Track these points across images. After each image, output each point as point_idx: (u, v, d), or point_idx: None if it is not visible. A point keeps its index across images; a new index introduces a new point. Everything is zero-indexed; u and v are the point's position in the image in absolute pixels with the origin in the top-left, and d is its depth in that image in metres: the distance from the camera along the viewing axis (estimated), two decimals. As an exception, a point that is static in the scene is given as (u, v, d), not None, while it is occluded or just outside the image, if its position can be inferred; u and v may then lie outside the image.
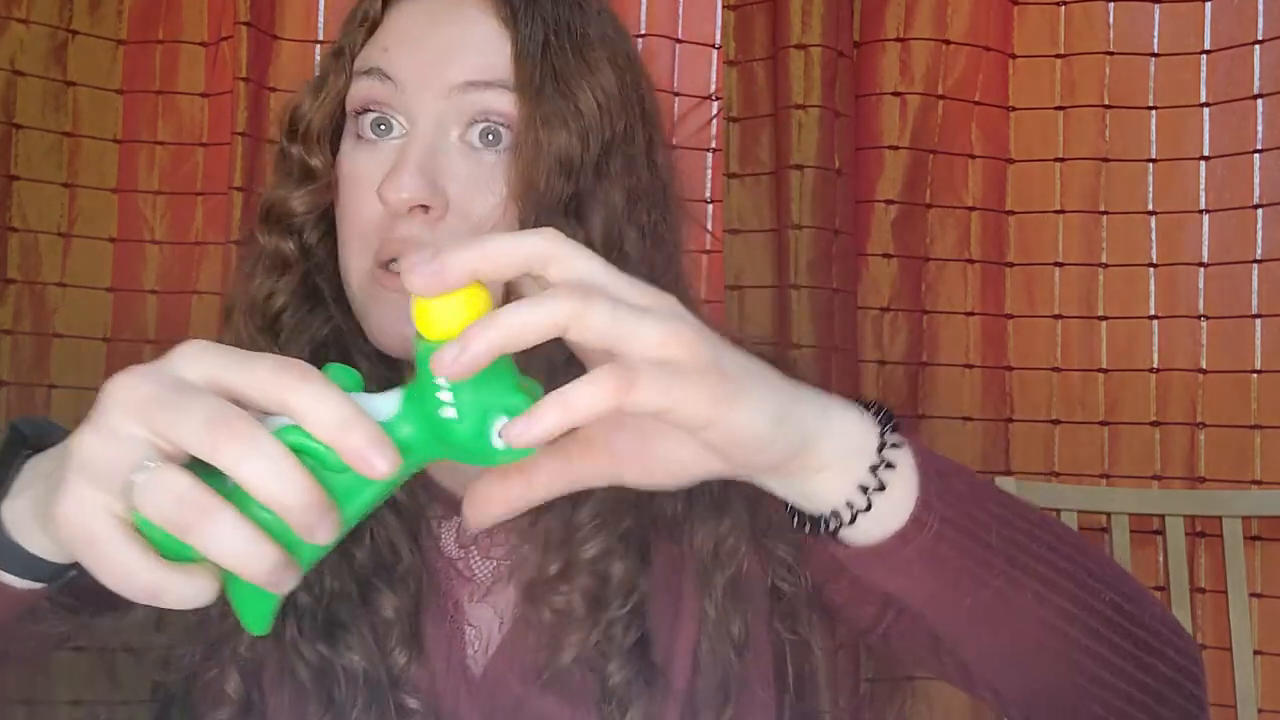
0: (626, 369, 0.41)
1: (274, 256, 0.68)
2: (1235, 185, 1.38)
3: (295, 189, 0.67)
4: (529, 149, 0.61)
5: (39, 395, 1.38)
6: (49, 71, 1.38)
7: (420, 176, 0.60)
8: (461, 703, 0.66)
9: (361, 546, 0.65)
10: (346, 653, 0.64)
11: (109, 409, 0.44)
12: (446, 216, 0.62)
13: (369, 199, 0.63)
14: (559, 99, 0.62)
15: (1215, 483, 1.36)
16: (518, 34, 0.63)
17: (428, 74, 0.63)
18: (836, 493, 0.49)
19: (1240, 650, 1.24)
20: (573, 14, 0.66)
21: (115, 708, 1.38)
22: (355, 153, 0.65)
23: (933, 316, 1.44)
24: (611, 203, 0.64)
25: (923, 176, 1.43)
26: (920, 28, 1.41)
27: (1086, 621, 0.55)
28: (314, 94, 0.68)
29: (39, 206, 1.38)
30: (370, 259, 0.64)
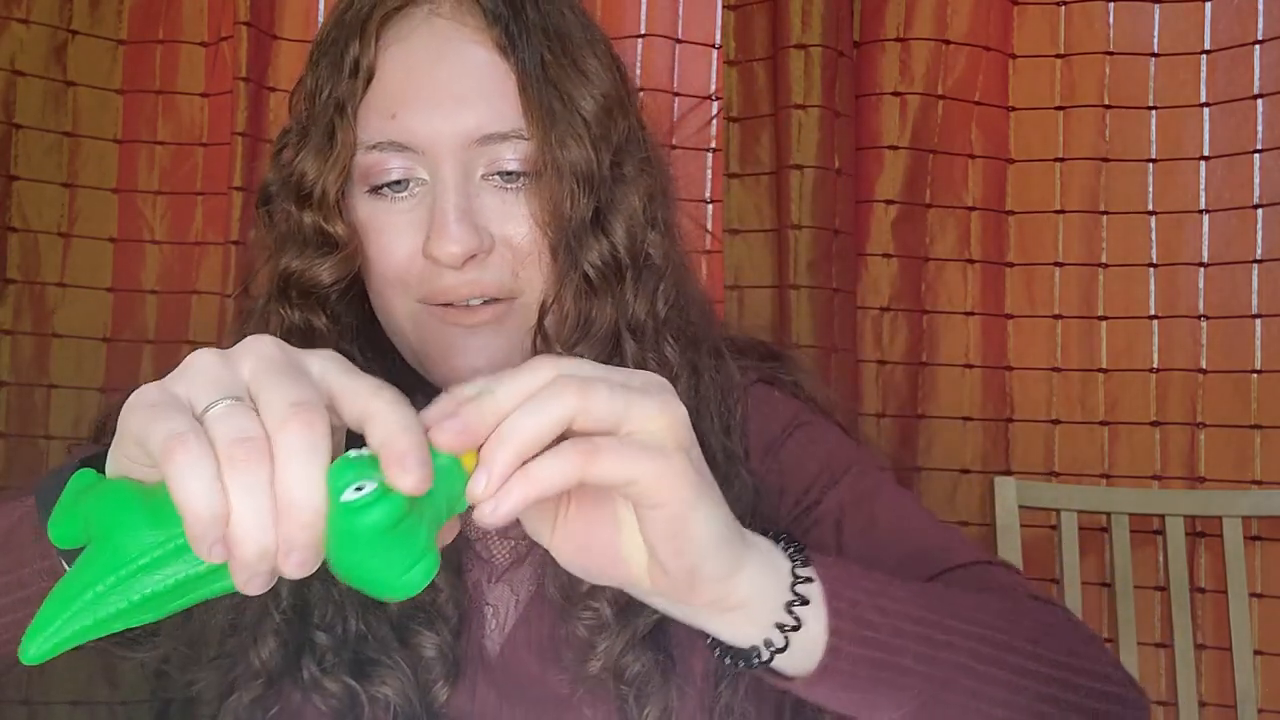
0: (591, 442, 0.42)
1: (303, 332, 0.66)
2: (1235, 185, 1.38)
3: (316, 258, 0.65)
4: (549, 174, 0.63)
5: (39, 395, 1.38)
6: (49, 71, 1.38)
7: (466, 227, 0.62)
8: (479, 681, 0.67)
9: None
10: (380, 686, 0.64)
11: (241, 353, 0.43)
12: (492, 254, 0.64)
13: (401, 249, 0.64)
14: (567, 115, 0.64)
15: (1215, 483, 1.36)
16: (518, 61, 0.63)
17: (444, 134, 0.63)
18: (752, 633, 0.49)
19: (1240, 650, 1.24)
20: (559, 20, 0.67)
21: (115, 708, 1.38)
22: (373, 206, 0.65)
23: (933, 316, 1.44)
24: (631, 208, 0.66)
25: (923, 176, 1.43)
26: (920, 28, 1.41)
27: (1025, 703, 0.55)
28: (319, 156, 0.65)
29: (39, 206, 1.38)
30: (413, 300, 0.65)
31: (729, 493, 0.65)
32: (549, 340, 0.65)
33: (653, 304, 0.68)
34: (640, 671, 0.64)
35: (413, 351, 0.67)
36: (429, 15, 0.65)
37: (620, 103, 0.68)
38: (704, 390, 0.71)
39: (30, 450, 1.38)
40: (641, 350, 0.67)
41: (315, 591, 0.65)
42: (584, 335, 0.65)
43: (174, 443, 0.38)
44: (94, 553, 0.42)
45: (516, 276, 0.65)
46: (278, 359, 0.42)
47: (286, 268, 0.66)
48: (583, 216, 0.64)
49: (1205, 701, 1.32)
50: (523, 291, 0.65)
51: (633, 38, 1.42)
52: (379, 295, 0.66)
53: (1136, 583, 1.27)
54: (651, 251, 0.68)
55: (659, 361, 0.68)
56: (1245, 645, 1.24)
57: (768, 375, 0.78)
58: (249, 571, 0.39)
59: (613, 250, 0.65)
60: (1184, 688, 1.24)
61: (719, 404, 0.72)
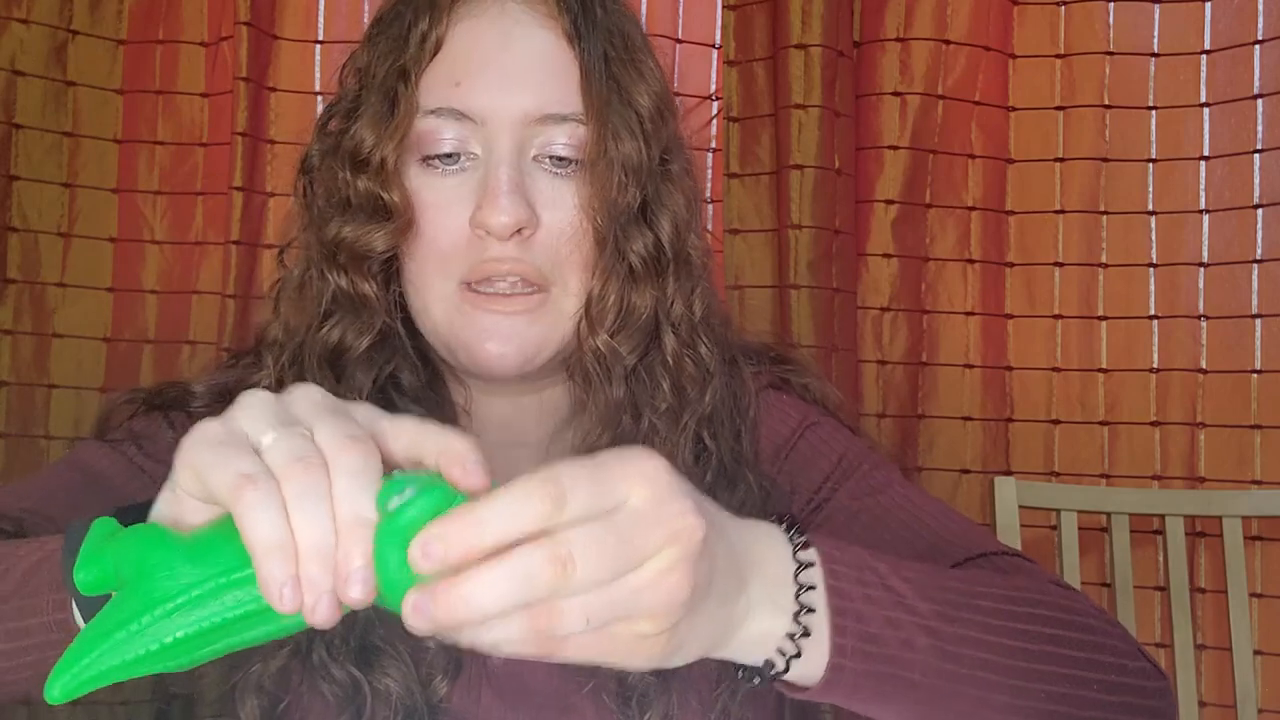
0: (554, 640, 0.39)
1: (350, 299, 0.67)
2: (1235, 185, 1.38)
3: (370, 225, 0.65)
4: (602, 164, 0.65)
5: (39, 395, 1.38)
6: (49, 71, 1.38)
7: (517, 199, 0.63)
8: (484, 688, 0.67)
9: None
10: (382, 677, 0.64)
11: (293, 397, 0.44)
12: (537, 234, 0.65)
13: (450, 224, 0.65)
14: (623, 109, 0.66)
15: (1215, 483, 1.36)
16: (582, 52, 0.65)
17: (505, 108, 0.64)
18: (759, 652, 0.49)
19: (1240, 650, 1.24)
20: (621, 20, 0.69)
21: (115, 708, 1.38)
22: (427, 180, 0.66)
23: (933, 316, 1.44)
24: (676, 206, 0.68)
25: (923, 176, 1.43)
26: (920, 28, 1.41)
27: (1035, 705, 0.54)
28: (376, 125, 0.65)
29: (39, 206, 1.38)
30: (454, 282, 0.66)
31: (735, 495, 0.67)
32: (593, 326, 0.66)
33: (690, 303, 0.70)
34: (641, 676, 0.64)
35: (441, 337, 0.68)
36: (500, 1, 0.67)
37: (670, 106, 0.71)
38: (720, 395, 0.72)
39: (30, 450, 1.38)
40: (679, 346, 0.69)
41: None
42: (624, 324, 0.66)
43: (243, 482, 0.39)
44: (127, 593, 0.41)
45: (555, 265, 0.66)
46: (327, 403, 0.43)
47: (338, 234, 0.66)
48: (631, 206, 0.65)
49: (1205, 701, 1.32)
50: (558, 283, 0.66)
51: (638, 36, 1.42)
52: (420, 274, 0.67)
53: (1136, 583, 1.27)
54: (692, 252, 0.70)
55: (694, 360, 0.70)
56: (1245, 645, 1.24)
57: (777, 380, 0.79)
58: (316, 591, 0.38)
59: (658, 243, 0.67)
60: (1184, 688, 1.24)
61: (731, 410, 0.72)
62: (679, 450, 0.68)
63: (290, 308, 0.71)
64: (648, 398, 0.68)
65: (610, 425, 0.68)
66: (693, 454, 0.69)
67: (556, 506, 0.39)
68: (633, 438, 0.67)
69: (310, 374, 0.67)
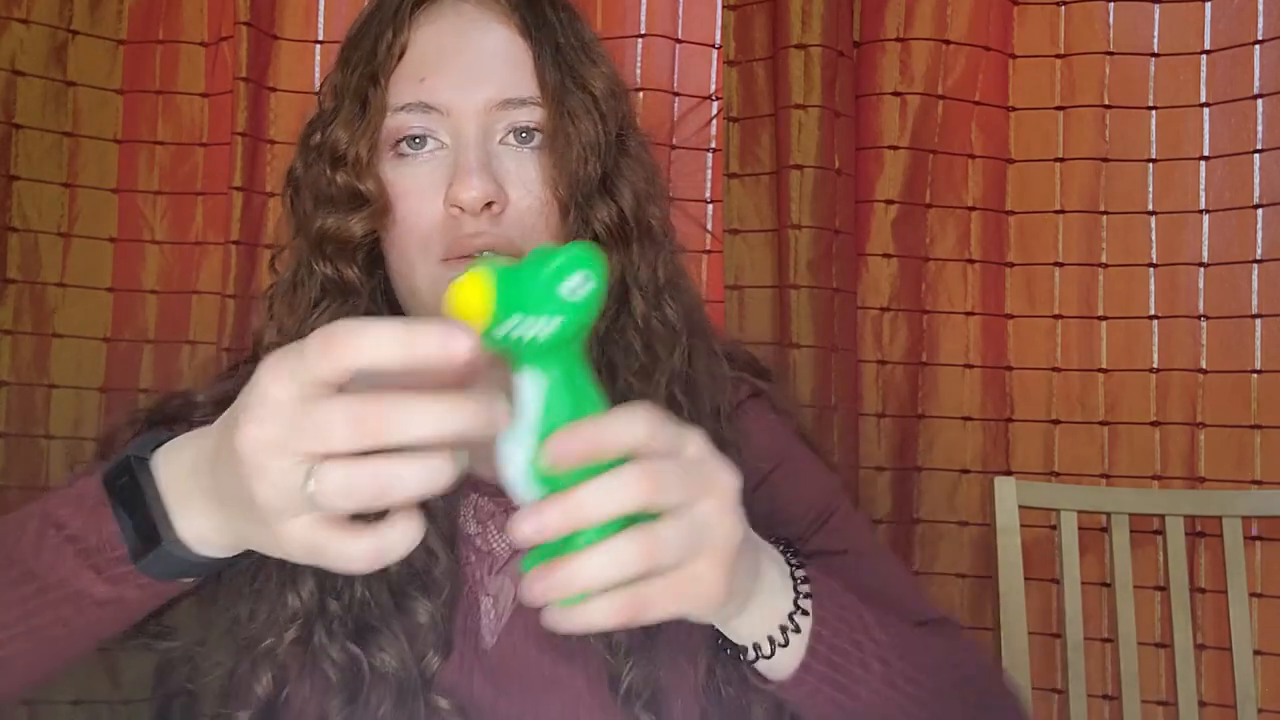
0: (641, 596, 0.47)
1: (337, 285, 0.72)
2: (1235, 185, 1.38)
3: (349, 214, 0.70)
4: (561, 142, 0.69)
5: (39, 395, 1.38)
6: (49, 71, 1.38)
7: (486, 176, 0.68)
8: (476, 671, 0.71)
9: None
10: (378, 653, 0.67)
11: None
12: (506, 210, 0.69)
13: (426, 206, 0.69)
14: (578, 92, 0.71)
15: (1215, 483, 1.36)
16: (535, 45, 0.71)
17: (467, 97, 0.69)
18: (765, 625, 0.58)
19: (1240, 650, 1.24)
20: (570, 18, 0.74)
21: (116, 708, 1.38)
22: (399, 169, 0.71)
23: (933, 316, 1.44)
24: (635, 180, 0.73)
25: (923, 176, 1.43)
26: (920, 28, 1.41)
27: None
28: (350, 124, 0.70)
29: (39, 206, 1.38)
30: (434, 260, 0.70)
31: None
32: None
33: (655, 268, 0.75)
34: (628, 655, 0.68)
35: (428, 313, 0.70)
36: (456, 5, 0.73)
37: (622, 91, 0.75)
38: (698, 363, 0.76)
39: (30, 450, 1.38)
40: (647, 308, 0.74)
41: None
42: None
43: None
44: None
45: (526, 236, 0.70)
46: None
47: (322, 226, 0.71)
48: (592, 179, 0.70)
49: (1205, 701, 1.32)
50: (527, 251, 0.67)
51: (633, 37, 1.42)
52: (402, 258, 0.71)
53: (1136, 583, 1.27)
54: (653, 222, 0.74)
55: (662, 321, 0.74)
56: (1245, 645, 1.24)
57: (758, 390, 0.83)
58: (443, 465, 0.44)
59: (620, 213, 0.72)
60: (1184, 688, 1.24)
61: (709, 387, 0.77)
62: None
63: (283, 309, 0.74)
64: (622, 358, 0.73)
65: None
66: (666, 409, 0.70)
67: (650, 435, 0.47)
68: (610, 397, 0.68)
69: None
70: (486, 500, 0.74)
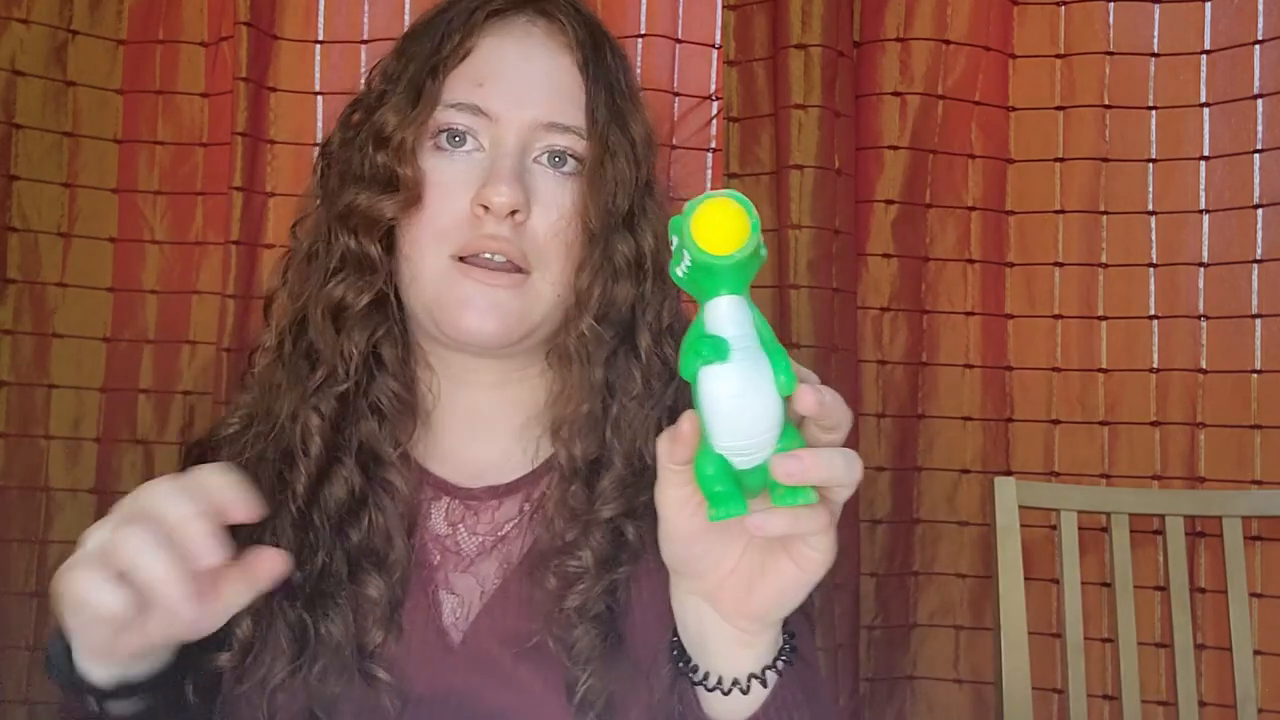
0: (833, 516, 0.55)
1: (357, 259, 0.75)
2: (1235, 185, 1.38)
3: (383, 195, 0.73)
4: (600, 175, 0.74)
5: (39, 395, 1.38)
6: (49, 71, 1.38)
7: (518, 185, 0.71)
8: (441, 667, 0.73)
9: (358, 529, 0.74)
10: (325, 621, 0.71)
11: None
12: (528, 222, 0.73)
13: (452, 202, 0.73)
14: (620, 135, 0.76)
15: (1215, 483, 1.36)
16: (589, 84, 0.75)
17: (517, 110, 0.73)
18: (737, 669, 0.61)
19: (1240, 650, 1.24)
20: (622, 64, 0.80)
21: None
22: (435, 160, 0.74)
23: (933, 316, 1.44)
24: (657, 224, 0.78)
25: (923, 176, 1.43)
26: (920, 28, 1.41)
27: None
28: (400, 110, 0.74)
29: (39, 206, 1.38)
30: (446, 256, 0.73)
31: None
32: (581, 312, 0.75)
33: (661, 310, 0.79)
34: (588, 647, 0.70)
35: (427, 306, 0.74)
36: (528, 24, 0.77)
37: (655, 141, 0.81)
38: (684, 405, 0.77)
39: (30, 450, 1.38)
40: (651, 343, 0.78)
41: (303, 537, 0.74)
42: (607, 313, 0.75)
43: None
44: None
45: (539, 253, 0.74)
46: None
47: (353, 201, 0.74)
48: (620, 213, 0.75)
49: (1205, 701, 1.32)
50: (539, 268, 0.74)
51: (633, 37, 1.42)
52: (415, 246, 0.74)
53: (1136, 583, 1.27)
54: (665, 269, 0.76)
55: (661, 359, 0.78)
56: (1245, 645, 1.24)
57: None
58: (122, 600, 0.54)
59: (640, 250, 0.76)
60: (1184, 688, 1.24)
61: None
62: (644, 432, 0.75)
63: (297, 276, 0.78)
64: (622, 382, 0.77)
65: (581, 402, 0.76)
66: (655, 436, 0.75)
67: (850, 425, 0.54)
68: (602, 420, 0.75)
69: (314, 327, 0.75)
70: (458, 504, 0.77)
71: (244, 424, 0.79)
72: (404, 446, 0.77)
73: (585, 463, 0.75)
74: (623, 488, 0.74)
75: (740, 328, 0.51)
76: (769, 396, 0.50)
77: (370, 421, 0.75)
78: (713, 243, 0.49)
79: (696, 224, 0.49)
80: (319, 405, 0.74)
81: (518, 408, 0.79)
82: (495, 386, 0.79)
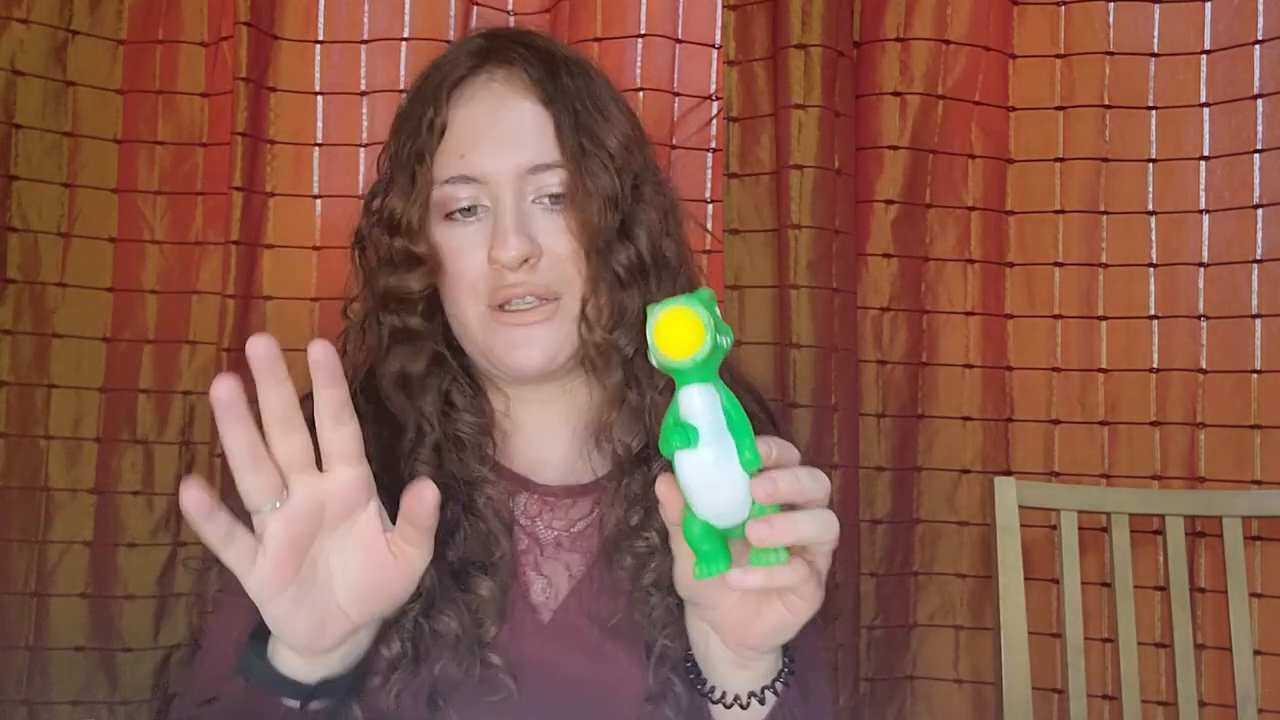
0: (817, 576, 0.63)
1: (404, 333, 0.84)
2: (1235, 185, 1.38)
3: (407, 273, 0.82)
4: (582, 196, 0.80)
5: (39, 395, 1.38)
6: (49, 71, 1.38)
7: (522, 236, 0.79)
8: (533, 640, 0.81)
9: (455, 549, 0.80)
10: (441, 619, 0.78)
11: None
12: (541, 260, 0.80)
13: (473, 261, 0.81)
14: (596, 150, 0.81)
15: (1215, 483, 1.36)
16: (556, 112, 0.81)
17: (501, 165, 0.80)
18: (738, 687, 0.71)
19: (1240, 650, 1.24)
20: (586, 82, 0.84)
21: (115, 708, 1.38)
22: (450, 231, 0.82)
23: (933, 316, 1.44)
24: (651, 222, 0.83)
25: (923, 176, 1.43)
26: (920, 28, 1.41)
27: None
28: (404, 195, 0.81)
29: (39, 206, 1.38)
30: (482, 305, 0.81)
31: None
32: (590, 326, 0.81)
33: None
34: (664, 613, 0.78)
35: (480, 349, 0.83)
36: (487, 81, 0.83)
37: (637, 141, 0.85)
38: None
39: (30, 450, 1.38)
40: None
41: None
42: (619, 322, 0.82)
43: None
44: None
45: (560, 279, 0.81)
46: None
47: (385, 285, 0.83)
48: (611, 228, 0.81)
49: (1205, 701, 1.32)
50: (563, 293, 0.82)
51: (633, 38, 1.42)
52: (455, 304, 0.83)
53: (1136, 583, 1.27)
54: (668, 255, 0.85)
55: None
56: (1245, 645, 1.24)
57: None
58: None
59: (638, 254, 0.82)
60: (1184, 688, 1.24)
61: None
62: None
63: (355, 348, 0.87)
64: (647, 379, 0.83)
65: (617, 403, 0.84)
66: None
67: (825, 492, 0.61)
68: (640, 411, 0.83)
69: (386, 397, 0.84)
70: (536, 499, 0.86)
71: None
72: (492, 458, 0.86)
73: (634, 453, 0.83)
74: None
75: (708, 413, 0.57)
76: (736, 475, 0.57)
77: (457, 454, 0.84)
78: (673, 349, 0.54)
79: (657, 333, 0.55)
80: (420, 457, 0.82)
81: (573, 414, 0.88)
82: (551, 399, 0.87)
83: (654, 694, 0.78)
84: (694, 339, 0.54)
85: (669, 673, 0.78)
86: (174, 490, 1.42)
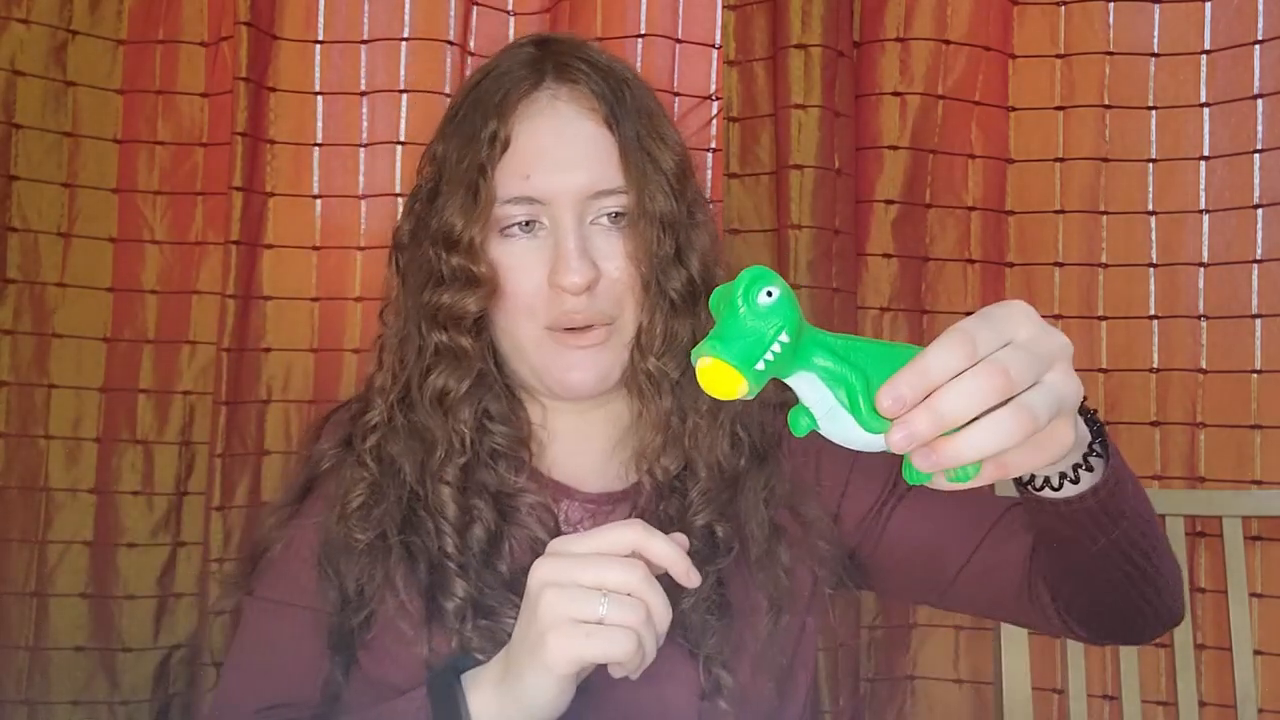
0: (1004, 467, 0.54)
1: (452, 351, 0.83)
2: (1235, 185, 1.38)
3: (464, 292, 0.81)
4: (644, 224, 0.80)
5: (39, 395, 1.38)
6: (49, 71, 1.38)
7: (585, 262, 0.79)
8: None
9: (503, 559, 0.82)
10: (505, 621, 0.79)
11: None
12: (599, 283, 0.80)
13: (531, 281, 0.80)
14: (656, 175, 0.81)
15: (1215, 483, 1.36)
16: (619, 136, 0.81)
17: (565, 189, 0.80)
18: (1072, 456, 0.68)
19: (1240, 650, 1.24)
20: (645, 98, 0.85)
21: (115, 708, 1.38)
22: (509, 248, 0.81)
23: (933, 316, 1.44)
24: (704, 246, 0.84)
25: (923, 176, 1.43)
26: (920, 28, 1.41)
27: (1143, 573, 0.80)
28: (464, 212, 0.80)
29: (39, 206, 1.38)
30: (539, 326, 0.81)
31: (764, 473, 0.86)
32: (643, 353, 0.82)
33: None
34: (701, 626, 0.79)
35: (532, 368, 0.83)
36: (551, 99, 0.82)
37: (689, 162, 0.86)
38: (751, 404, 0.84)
39: (30, 450, 1.38)
40: None
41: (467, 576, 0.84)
42: (668, 348, 0.82)
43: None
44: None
45: (616, 303, 0.82)
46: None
47: (437, 301, 0.82)
48: (667, 253, 0.81)
49: (1205, 701, 1.32)
50: (619, 317, 0.82)
51: (633, 38, 1.42)
52: (509, 321, 0.82)
53: (1136, 583, 1.27)
54: (718, 280, 0.84)
55: None
56: (1245, 645, 1.24)
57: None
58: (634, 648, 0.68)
59: (690, 279, 0.82)
60: (1184, 688, 1.24)
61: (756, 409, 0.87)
62: (718, 442, 0.84)
63: (393, 359, 0.86)
64: (691, 403, 0.84)
65: (663, 428, 0.84)
66: (729, 444, 0.85)
67: (973, 348, 0.53)
68: (680, 436, 0.84)
69: (421, 413, 0.83)
70: (576, 505, 0.87)
71: (370, 497, 0.85)
72: (531, 467, 0.86)
73: (672, 478, 0.84)
74: (709, 497, 0.83)
75: (812, 397, 0.56)
76: (869, 439, 0.55)
77: (492, 467, 0.84)
78: (722, 393, 0.54)
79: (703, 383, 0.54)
80: (445, 477, 0.82)
81: (609, 425, 0.88)
82: (587, 410, 0.88)
83: (706, 691, 0.79)
84: (733, 384, 0.54)
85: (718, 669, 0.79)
86: (174, 490, 1.42)
